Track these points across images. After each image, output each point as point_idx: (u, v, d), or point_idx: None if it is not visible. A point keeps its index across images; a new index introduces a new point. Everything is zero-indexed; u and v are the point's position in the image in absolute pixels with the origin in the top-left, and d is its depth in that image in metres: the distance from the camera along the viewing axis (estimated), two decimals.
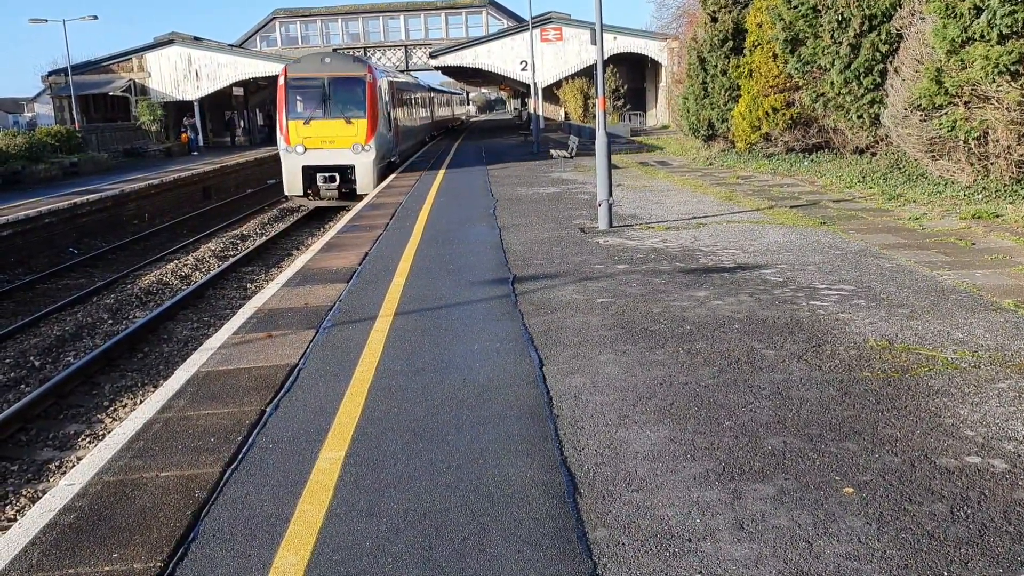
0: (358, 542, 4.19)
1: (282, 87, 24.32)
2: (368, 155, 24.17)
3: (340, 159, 24.17)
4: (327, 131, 24.12)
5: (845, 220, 13.41)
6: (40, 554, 4.23)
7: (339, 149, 24.05)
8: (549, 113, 60.25)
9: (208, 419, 5.97)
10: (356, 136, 24.06)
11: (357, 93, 24.27)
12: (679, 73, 35.86)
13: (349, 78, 24.42)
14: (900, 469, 4.66)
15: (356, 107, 24.21)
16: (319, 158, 24.19)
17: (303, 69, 24.46)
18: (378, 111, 24.51)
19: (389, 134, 26.81)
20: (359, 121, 24.07)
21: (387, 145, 26.30)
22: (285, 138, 24.27)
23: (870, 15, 18.30)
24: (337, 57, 25.71)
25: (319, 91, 24.24)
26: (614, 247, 11.86)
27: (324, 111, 24.23)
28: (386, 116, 26.19)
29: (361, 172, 24.28)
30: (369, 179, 24.20)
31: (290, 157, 24.41)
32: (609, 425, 5.47)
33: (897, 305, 8.09)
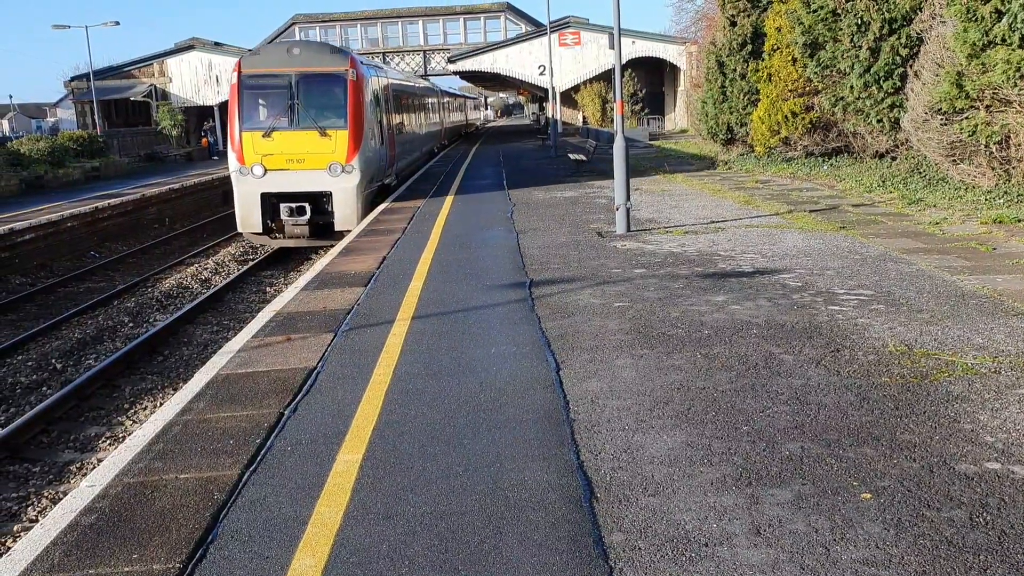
0: (375, 545, 4.21)
1: (235, 87, 18.19)
2: (350, 178, 18.05)
3: (312, 184, 18.07)
4: (295, 146, 17.94)
5: (864, 224, 13.34)
6: (62, 554, 4.28)
7: (311, 171, 17.96)
8: (567, 117, 60.26)
9: (227, 422, 6.01)
10: (334, 153, 17.96)
11: (336, 95, 18.32)
12: (697, 77, 35.80)
13: (325, 75, 18.33)
14: (918, 475, 4.64)
15: (334, 113, 18.24)
16: (283, 183, 18.02)
17: (263, 63, 18.50)
18: (365, 118, 18.54)
19: (382, 148, 20.54)
20: (338, 133, 18.00)
21: (378, 163, 20.08)
22: (238, 155, 18.01)
23: (890, 19, 18.22)
24: (309, 47, 19.23)
25: (284, 92, 18.11)
26: (632, 251, 11.84)
27: (291, 119, 18.08)
28: (377, 125, 20.17)
29: (341, 201, 18.18)
30: (351, 210, 18.18)
31: (245, 182, 18.04)
32: (626, 430, 5.47)
33: (916, 310, 8.04)
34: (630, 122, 48.44)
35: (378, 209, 18.71)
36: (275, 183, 18.04)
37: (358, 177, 18.19)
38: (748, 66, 26.32)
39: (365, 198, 18.84)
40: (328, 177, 18.01)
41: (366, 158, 18.62)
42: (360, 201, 18.40)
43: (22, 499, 7.79)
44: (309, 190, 18.16)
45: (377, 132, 20.00)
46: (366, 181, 18.78)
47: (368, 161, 18.81)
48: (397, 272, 11.14)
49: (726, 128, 28.53)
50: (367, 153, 18.69)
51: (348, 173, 18.03)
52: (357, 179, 18.19)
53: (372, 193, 19.71)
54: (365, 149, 18.50)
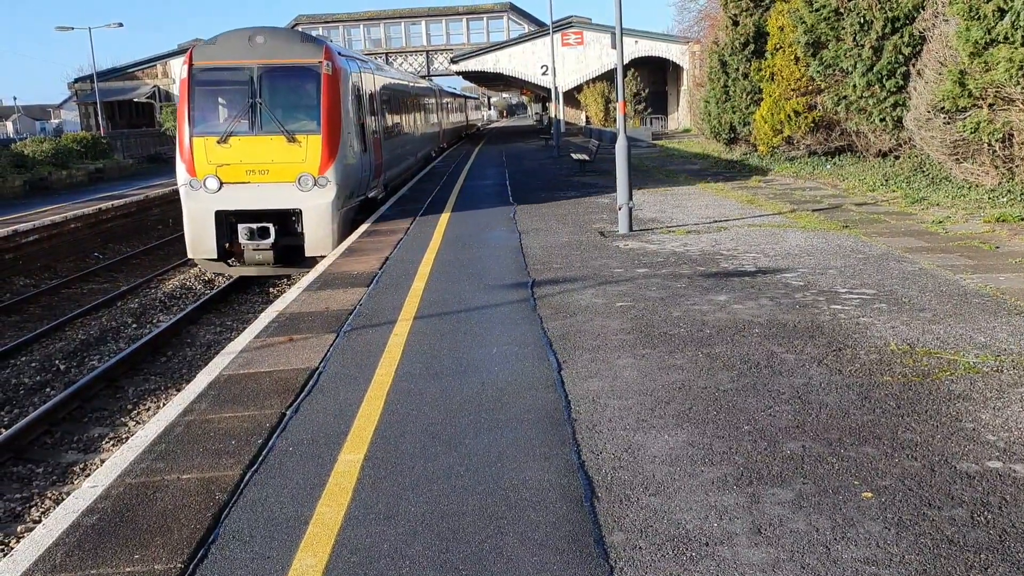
0: (376, 544, 4.21)
1: (184, 82, 15.34)
2: (324, 193, 15.09)
3: (277, 200, 15.11)
4: (256, 154, 14.97)
5: (867, 224, 13.33)
6: (63, 555, 4.29)
7: (276, 184, 15.00)
8: (570, 117, 60.31)
9: (229, 422, 6.02)
10: (304, 162, 15.01)
11: (306, 92, 15.43)
12: (700, 76, 35.79)
13: (293, 68, 15.39)
14: (920, 474, 4.63)
15: (305, 114, 15.37)
16: (243, 198, 15.07)
17: (219, 53, 15.45)
18: (343, 120, 15.55)
19: (365, 156, 17.28)
20: (309, 138, 15.04)
21: (359, 174, 16.84)
22: (187, 166, 15.11)
23: (892, 17, 18.21)
24: (276, 35, 15.80)
25: (244, 89, 15.21)
26: (634, 251, 11.84)
27: (252, 122, 15.11)
28: (360, 128, 16.97)
29: (313, 221, 15.16)
30: (326, 231, 15.21)
31: (196, 197, 15.11)
32: (627, 429, 5.47)
33: (919, 309, 8.03)
34: (633, 122, 48.43)
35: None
36: (232, 199, 15.10)
37: (334, 191, 15.19)
38: (751, 65, 26.32)
39: (343, 216, 15.85)
40: (297, 191, 15.04)
41: (344, 168, 15.56)
42: (336, 220, 15.36)
43: (25, 500, 7.81)
44: (274, 207, 15.19)
45: (359, 136, 16.90)
46: (344, 196, 15.70)
47: (347, 172, 15.74)
48: (399, 273, 11.14)
49: (729, 127, 28.54)
50: (345, 162, 15.65)
51: (321, 187, 15.07)
52: (332, 194, 15.17)
53: (352, 209, 16.77)
54: (343, 157, 15.50)
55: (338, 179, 15.27)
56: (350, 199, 16.25)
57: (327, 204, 15.14)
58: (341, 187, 15.42)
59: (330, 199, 15.15)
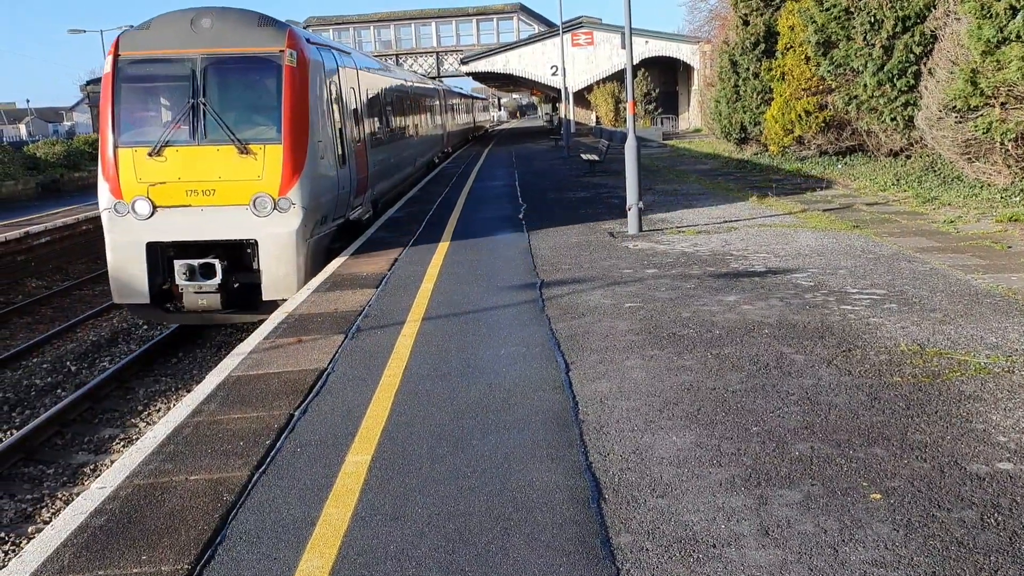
0: (382, 546, 4.21)
1: (108, 78, 12.10)
2: (287, 218, 11.84)
3: (226, 228, 11.86)
4: (200, 170, 11.76)
5: (878, 223, 13.26)
6: (71, 556, 4.30)
7: (224, 207, 11.76)
8: (580, 117, 60.26)
9: (238, 423, 6.04)
10: (261, 180, 11.78)
11: (264, 89, 12.32)
12: (711, 76, 35.72)
13: (247, 59, 12.15)
14: (929, 475, 4.60)
15: (262, 119, 12.21)
16: (181, 227, 11.76)
17: (153, 41, 12.15)
18: (311, 126, 12.27)
19: (344, 169, 13.99)
20: (268, 149, 11.79)
21: (335, 192, 13.42)
22: (111, 185, 11.81)
23: (903, 16, 18.12)
24: (225, 17, 12.28)
25: (184, 86, 12.03)
26: (644, 251, 11.82)
27: (194, 129, 11.87)
28: (335, 134, 13.61)
29: (272, 255, 11.90)
30: (289, 268, 11.95)
31: (121, 225, 11.78)
32: (635, 430, 5.46)
33: (930, 309, 7.98)
34: (643, 122, 48.37)
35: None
36: (169, 227, 11.71)
37: (299, 216, 11.82)
38: (761, 65, 26.24)
39: (313, 247, 12.43)
40: (252, 217, 11.71)
41: (314, 186, 12.21)
42: (303, 253, 12.03)
43: (36, 500, 7.85)
44: (222, 238, 11.88)
45: (336, 145, 13.55)
46: (314, 221, 12.30)
47: (317, 190, 12.38)
48: (408, 275, 11.14)
49: (739, 127, 28.47)
50: (316, 178, 12.32)
51: (283, 211, 11.74)
52: (298, 219, 11.83)
53: (327, 236, 13.37)
54: (312, 172, 12.16)
55: (305, 200, 11.91)
56: (323, 224, 12.85)
57: (290, 233, 11.79)
58: (309, 210, 12.03)
59: (294, 226, 11.80)
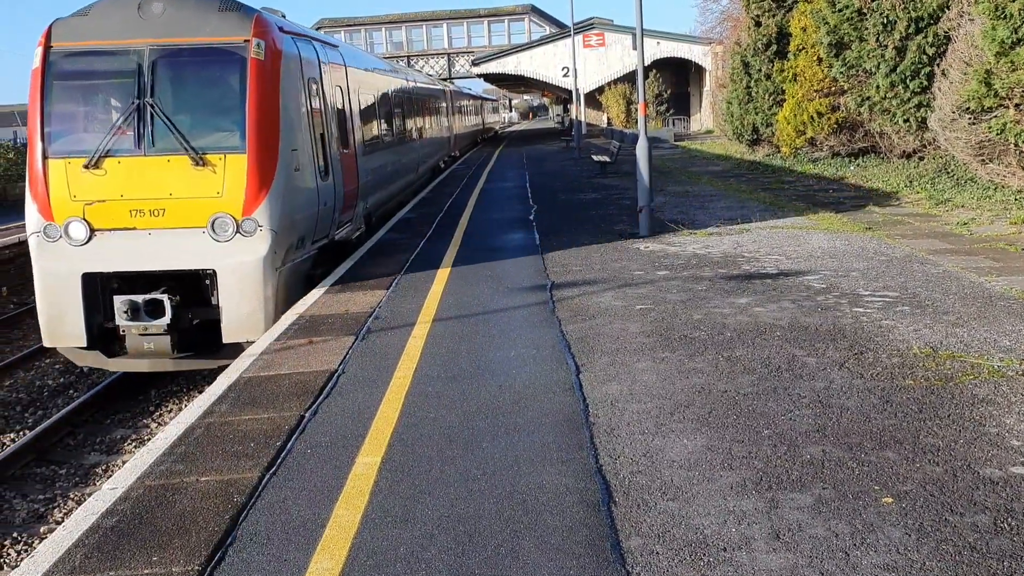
0: (392, 548, 4.21)
1: (37, 74, 10.07)
2: (253, 244, 9.93)
3: (178, 256, 9.91)
4: (146, 185, 9.83)
5: (891, 225, 13.21)
6: (83, 556, 4.32)
7: (176, 231, 9.84)
8: (591, 119, 60.19)
9: (248, 424, 6.05)
10: (221, 197, 9.88)
11: (225, 88, 10.33)
12: (723, 77, 35.66)
13: (205, 50, 10.13)
14: (942, 479, 4.58)
15: (223, 122, 10.21)
16: (124, 254, 9.84)
17: (92, 30, 10.10)
18: (284, 130, 10.31)
19: (328, 181, 11.89)
20: (229, 160, 9.87)
21: (316, 208, 11.38)
22: (40, 204, 9.91)
23: (916, 17, 18.05)
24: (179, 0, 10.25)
25: (127, 84, 10.02)
26: (655, 253, 11.80)
27: (139, 135, 9.89)
28: (316, 140, 11.49)
29: (234, 288, 9.96)
30: (255, 304, 9.99)
31: (52, 252, 9.89)
32: (645, 433, 5.44)
33: (942, 312, 7.94)
34: (655, 123, 48.32)
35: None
36: (110, 255, 9.71)
37: (268, 240, 9.81)
38: (773, 66, 26.19)
39: (286, 277, 10.39)
40: (210, 243, 9.75)
41: (288, 202, 10.17)
42: (273, 285, 9.98)
43: (48, 500, 7.89)
44: (173, 268, 9.86)
45: (317, 153, 11.39)
46: (287, 245, 10.29)
47: (292, 207, 10.32)
48: (417, 279, 11.15)
49: (751, 128, 28.41)
50: (290, 193, 10.26)
51: (248, 234, 9.75)
52: (266, 244, 9.84)
53: (307, 261, 11.29)
54: (286, 186, 10.12)
55: (275, 220, 9.89)
56: (299, 248, 10.78)
57: (257, 261, 9.77)
58: (281, 232, 10.00)
59: (261, 253, 9.78)
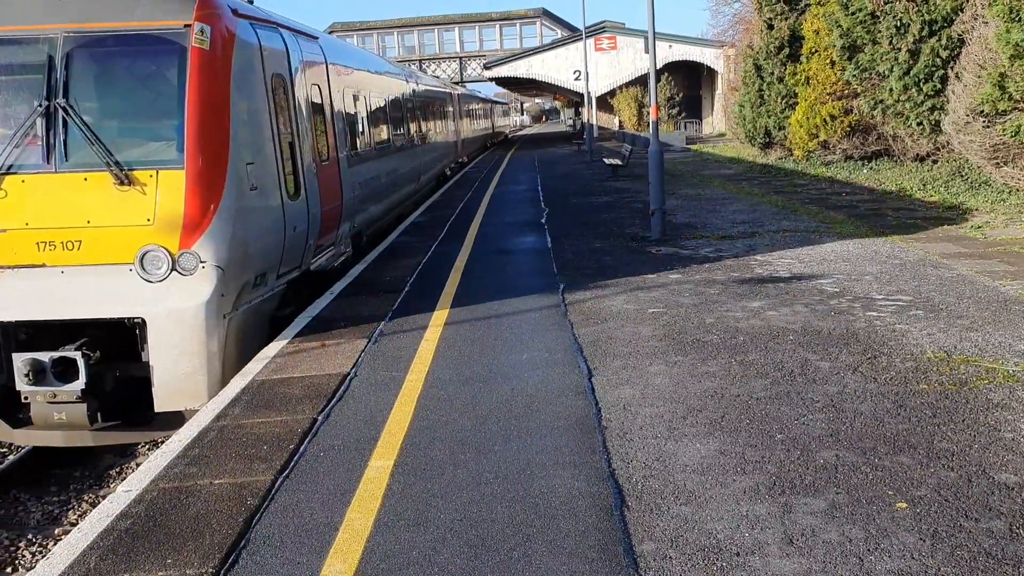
0: (405, 551, 4.22)
1: None
2: (193, 285, 7.77)
3: (97, 302, 7.72)
4: (58, 211, 7.67)
5: (905, 229, 13.15)
6: (97, 559, 4.34)
7: (95, 268, 7.68)
8: (603, 122, 60.20)
9: (261, 427, 6.07)
10: (152, 225, 7.67)
11: (159, 85, 8.14)
12: (735, 81, 35.60)
13: (131, 36, 7.91)
14: (956, 484, 4.55)
15: (155, 129, 8.09)
16: (29, 299, 7.70)
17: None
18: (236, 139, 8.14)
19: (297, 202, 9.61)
20: (163, 176, 7.68)
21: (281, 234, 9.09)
22: None
23: (930, 20, 17.97)
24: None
25: (33, 81, 7.84)
26: (667, 256, 11.78)
27: (49, 146, 7.73)
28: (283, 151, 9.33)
29: (168, 341, 7.72)
30: (196, 362, 7.80)
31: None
32: (658, 437, 5.44)
33: (956, 316, 7.90)
34: (666, 126, 48.26)
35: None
36: (10, 300, 7.76)
37: (212, 280, 7.80)
38: (786, 69, 26.12)
39: (241, 324, 8.33)
40: (139, 283, 7.75)
41: (241, 229, 8.09)
42: (220, 336, 7.94)
43: (63, 502, 7.93)
44: (91, 316, 7.82)
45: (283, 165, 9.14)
46: (240, 284, 8.24)
47: (247, 235, 8.22)
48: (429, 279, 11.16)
49: (764, 132, 28.34)
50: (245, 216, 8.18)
51: (187, 273, 7.73)
52: (210, 285, 7.82)
53: (271, 300, 9.16)
54: (238, 208, 8.05)
55: (223, 253, 7.78)
56: (258, 286, 8.65)
57: (197, 307, 7.68)
58: (231, 269, 7.91)
59: (203, 296, 7.70)
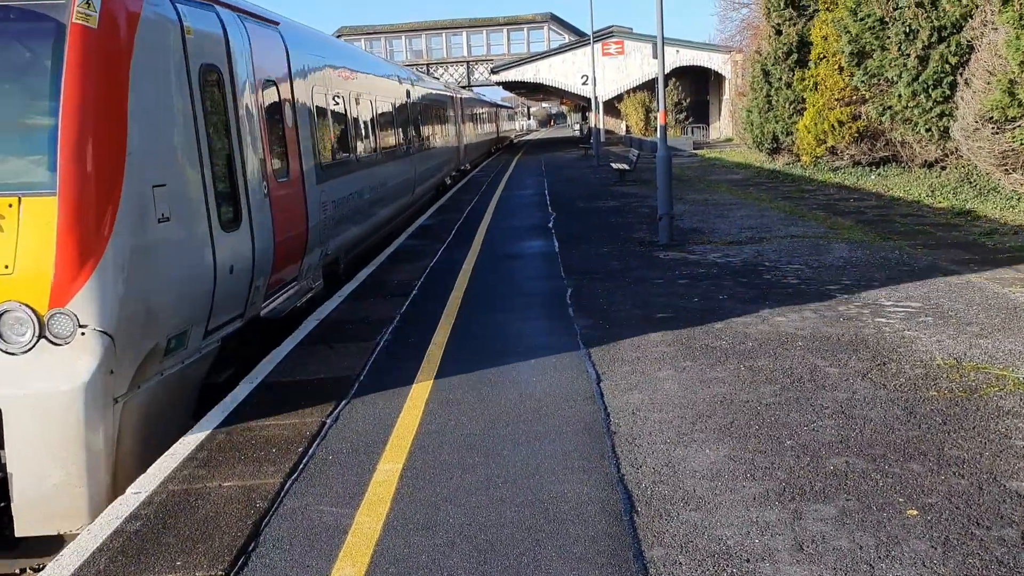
0: (414, 555, 4.21)
1: None
2: (70, 359, 5.48)
3: None
4: None
5: (913, 235, 13.12)
6: (107, 561, 4.34)
7: None
8: (610, 126, 60.17)
9: (270, 430, 6.07)
10: (11, 276, 5.40)
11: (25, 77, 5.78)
12: (743, 86, 35.57)
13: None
14: (967, 492, 4.54)
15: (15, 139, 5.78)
16: None
17: None
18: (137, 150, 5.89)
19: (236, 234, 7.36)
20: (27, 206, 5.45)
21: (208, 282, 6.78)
22: None
23: (939, 26, 17.94)
24: None
25: None
26: (675, 261, 11.76)
27: None
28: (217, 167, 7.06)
29: (31, 439, 5.39)
30: (72, 468, 5.46)
31: None
32: (667, 443, 5.43)
33: (966, 323, 7.88)
34: (674, 131, 48.22)
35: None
36: None
37: (97, 351, 5.57)
38: (794, 75, 26.09)
39: (151, 405, 6.27)
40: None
41: (143, 278, 5.96)
42: (109, 430, 5.69)
43: None
44: None
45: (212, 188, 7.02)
46: (142, 353, 6.03)
47: (151, 286, 6.06)
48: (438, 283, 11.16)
49: (771, 137, 28.30)
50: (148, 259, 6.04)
51: (60, 342, 5.53)
52: (93, 360, 5.57)
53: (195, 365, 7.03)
54: (138, 248, 5.91)
55: (116, 313, 5.71)
56: (173, 352, 6.54)
57: (74, 392, 5.53)
58: (126, 333, 5.82)
59: (82, 377, 5.56)
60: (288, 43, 9.88)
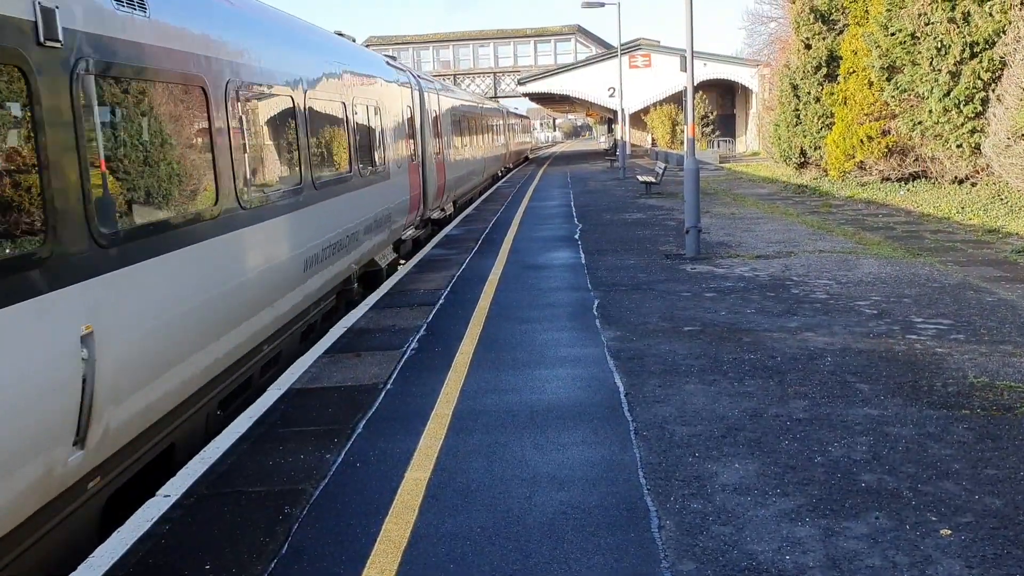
0: (442, 564, 4.20)
1: None
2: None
3: None
4: None
5: (943, 252, 12.99)
6: (136, 563, 4.36)
7: None
8: (636, 139, 60.13)
9: (298, 436, 6.08)
10: None
11: None
12: (770, 100, 35.43)
13: None
14: (1003, 511, 4.47)
15: None
16: None
17: None
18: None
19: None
20: None
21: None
22: None
23: (971, 42, 17.79)
24: None
25: None
26: (702, 274, 11.71)
27: None
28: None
29: None
30: None
31: None
32: (696, 457, 5.39)
33: (999, 341, 7.78)
34: (700, 144, 48.06)
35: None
36: None
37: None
38: (823, 89, 25.96)
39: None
40: None
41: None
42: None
43: None
44: None
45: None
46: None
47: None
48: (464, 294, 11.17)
49: (799, 151, 28.16)
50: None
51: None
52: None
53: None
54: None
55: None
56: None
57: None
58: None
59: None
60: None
